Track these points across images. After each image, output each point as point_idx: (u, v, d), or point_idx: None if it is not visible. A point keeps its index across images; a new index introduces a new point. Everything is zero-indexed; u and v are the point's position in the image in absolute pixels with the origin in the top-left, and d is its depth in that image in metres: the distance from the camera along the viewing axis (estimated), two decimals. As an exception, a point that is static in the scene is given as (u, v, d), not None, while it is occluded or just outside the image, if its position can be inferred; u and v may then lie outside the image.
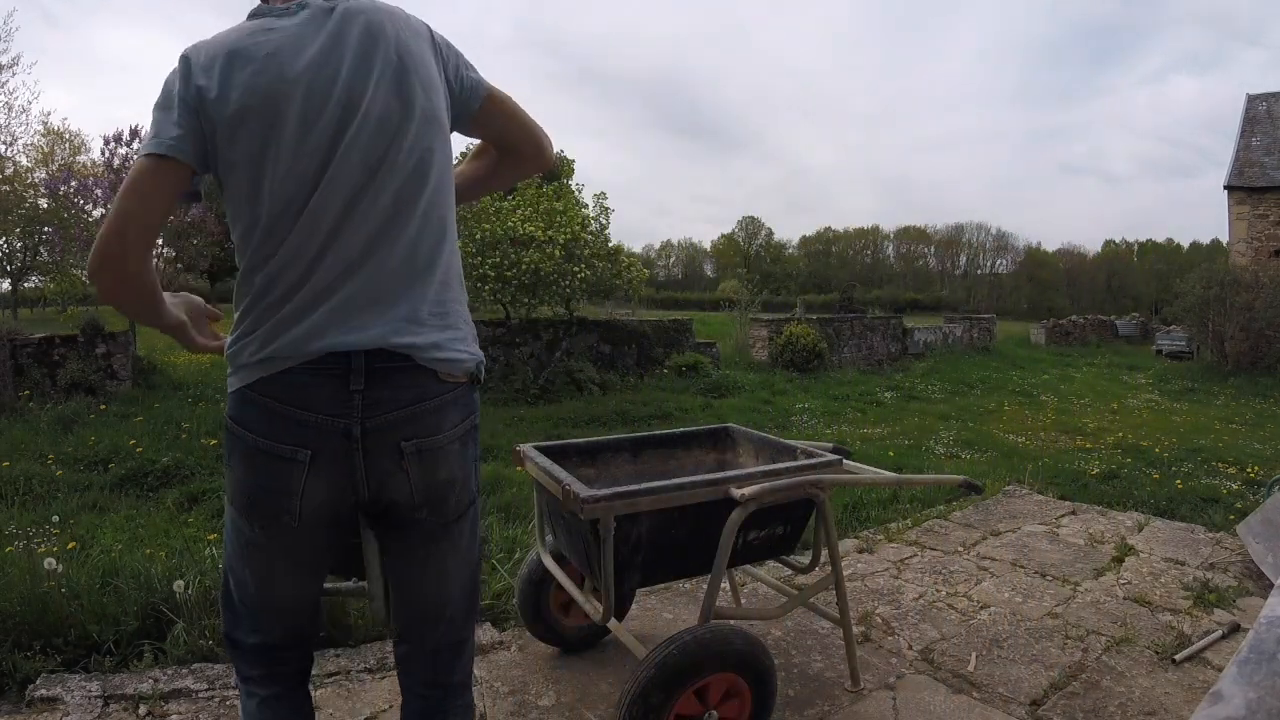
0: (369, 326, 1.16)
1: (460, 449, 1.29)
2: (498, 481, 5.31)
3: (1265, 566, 3.24)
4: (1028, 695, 2.35)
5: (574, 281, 10.84)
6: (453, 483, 1.28)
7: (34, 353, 8.53)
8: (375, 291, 1.17)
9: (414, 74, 1.21)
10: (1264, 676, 1.87)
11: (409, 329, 1.18)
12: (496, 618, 2.85)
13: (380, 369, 1.17)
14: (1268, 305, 14.87)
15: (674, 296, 55.25)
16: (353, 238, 1.17)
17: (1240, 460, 6.88)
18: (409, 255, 1.20)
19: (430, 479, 1.25)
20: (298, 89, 1.15)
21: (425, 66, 1.24)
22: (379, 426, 1.19)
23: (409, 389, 1.20)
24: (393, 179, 1.18)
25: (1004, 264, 64.93)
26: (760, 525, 2.17)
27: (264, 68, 1.15)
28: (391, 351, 1.17)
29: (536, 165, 1.48)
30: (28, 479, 5.27)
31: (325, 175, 1.15)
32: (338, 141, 1.15)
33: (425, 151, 1.22)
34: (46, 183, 13.64)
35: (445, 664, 1.40)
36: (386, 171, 1.18)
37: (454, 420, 1.26)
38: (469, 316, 1.32)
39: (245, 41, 1.17)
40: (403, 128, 1.19)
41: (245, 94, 1.14)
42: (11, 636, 2.38)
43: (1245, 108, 20.26)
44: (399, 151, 1.19)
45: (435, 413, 1.23)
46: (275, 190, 1.15)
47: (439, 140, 1.25)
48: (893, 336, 17.12)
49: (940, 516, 4.35)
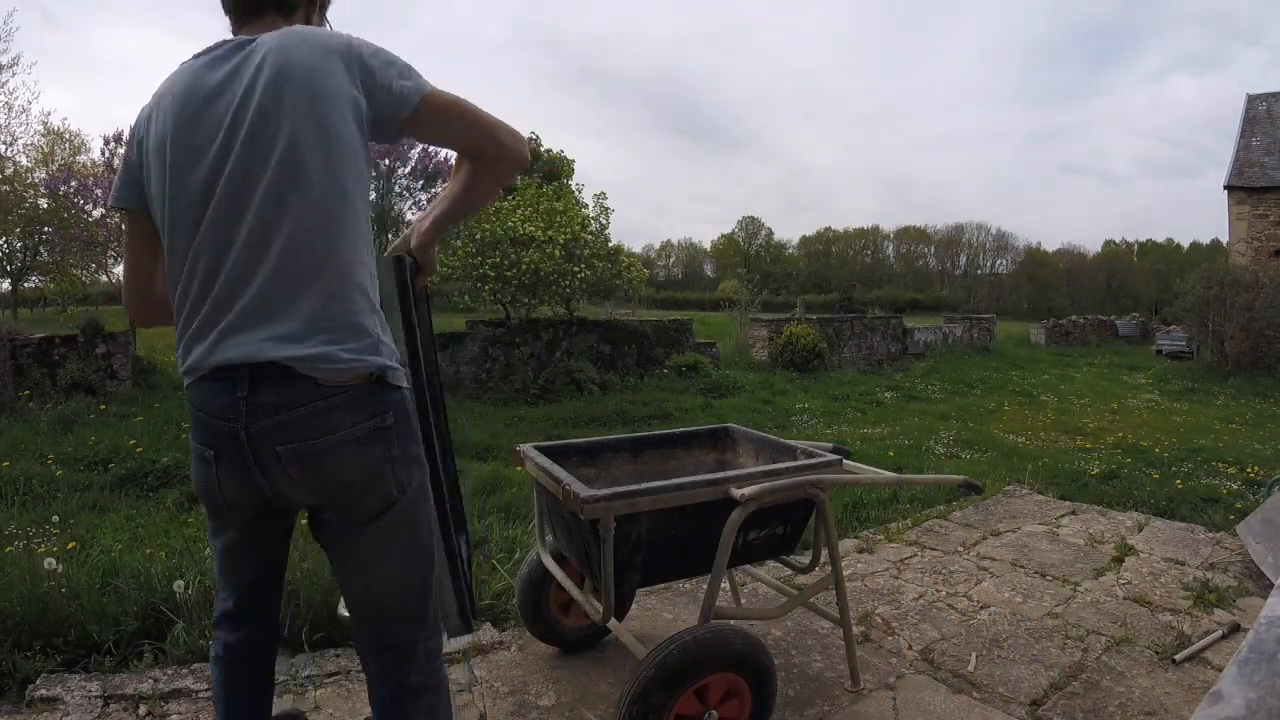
0: (253, 341, 1.24)
1: (360, 450, 1.30)
2: (498, 481, 5.31)
3: (1265, 566, 3.24)
4: (1028, 695, 2.35)
5: (574, 281, 10.85)
6: (353, 484, 1.31)
7: (34, 353, 8.53)
8: (259, 307, 1.25)
9: (305, 96, 1.24)
10: (1264, 676, 1.87)
11: (289, 342, 1.24)
12: (496, 618, 2.85)
13: (264, 377, 1.25)
14: (1268, 305, 14.87)
15: (674, 296, 55.22)
16: (238, 259, 1.25)
17: (1240, 460, 6.88)
18: (292, 273, 1.25)
19: (321, 481, 1.30)
20: (191, 123, 1.27)
21: (322, 85, 1.26)
22: (260, 431, 1.27)
23: (289, 395, 1.26)
24: (271, 203, 1.24)
25: (1004, 264, 64.94)
26: (760, 525, 2.17)
27: (168, 106, 1.30)
28: (274, 362, 1.24)
29: (503, 165, 1.39)
30: (28, 479, 5.27)
31: (211, 204, 1.26)
32: (221, 171, 1.25)
33: (310, 173, 1.25)
34: (46, 183, 13.66)
35: (392, 665, 1.42)
36: (267, 197, 1.24)
37: (348, 422, 1.28)
38: (370, 324, 1.32)
39: (168, 84, 1.34)
40: (285, 153, 1.24)
41: (156, 133, 1.31)
42: (11, 636, 2.38)
43: (1245, 108, 20.27)
44: (281, 176, 1.24)
45: (321, 415, 1.27)
46: (175, 218, 1.29)
47: (329, 159, 1.26)
48: (893, 336, 17.12)
49: (940, 516, 4.35)
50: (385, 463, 1.33)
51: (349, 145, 1.28)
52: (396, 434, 1.34)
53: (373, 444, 1.31)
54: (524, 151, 1.38)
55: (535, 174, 19.58)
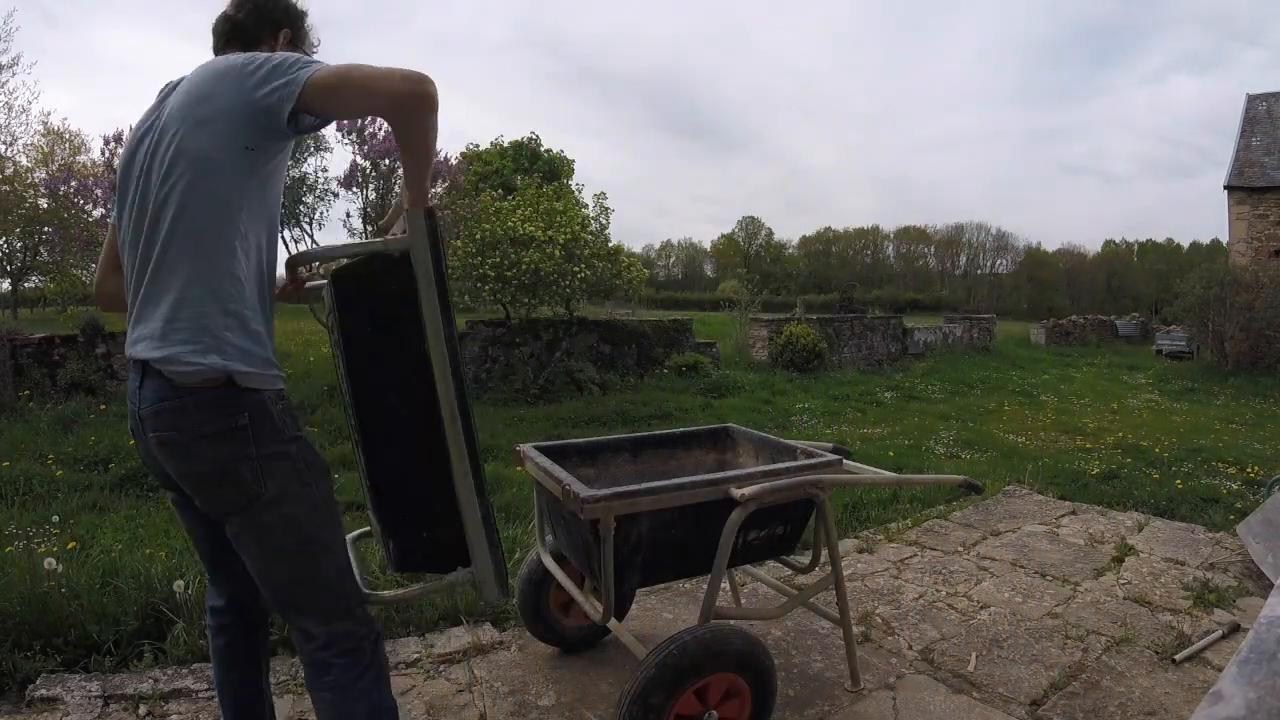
0: (138, 341, 1.45)
1: (210, 447, 1.41)
2: (498, 481, 5.30)
3: (1265, 566, 3.24)
4: (1028, 695, 2.35)
5: (574, 281, 10.83)
6: (205, 478, 1.45)
7: (34, 353, 8.52)
8: (144, 312, 1.45)
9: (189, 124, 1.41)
10: (1264, 676, 1.87)
11: (152, 342, 1.42)
12: (496, 618, 2.85)
13: (146, 371, 1.43)
14: (1268, 305, 14.85)
15: (674, 296, 55.21)
16: (140, 268, 1.46)
17: (1240, 460, 6.87)
18: (162, 281, 1.43)
19: (181, 471, 1.47)
20: (131, 150, 1.50)
21: (218, 95, 1.41)
22: (145, 416, 1.45)
23: (157, 390, 1.42)
24: (151, 221, 1.43)
25: (1004, 264, 64.91)
26: (760, 525, 2.17)
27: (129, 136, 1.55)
28: (145, 360, 1.43)
29: (405, 112, 1.37)
30: (28, 479, 5.26)
31: (128, 222, 1.48)
32: (133, 191, 1.47)
33: (178, 192, 1.40)
34: (46, 183, 13.64)
35: (298, 640, 1.55)
36: (153, 215, 1.43)
37: (197, 421, 1.41)
38: (217, 325, 1.41)
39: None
40: (166, 177, 1.41)
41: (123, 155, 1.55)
42: (11, 636, 2.38)
43: (1245, 108, 20.26)
44: (162, 195, 1.41)
45: (173, 413, 1.41)
46: (122, 230, 1.52)
47: (195, 180, 1.40)
48: (893, 336, 17.11)
49: (940, 516, 4.35)
50: (238, 461, 1.42)
51: (215, 165, 1.40)
52: (254, 434, 1.42)
53: (224, 443, 1.41)
54: (419, 88, 1.34)
55: (535, 174, 19.59)
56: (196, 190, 1.40)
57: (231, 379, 1.41)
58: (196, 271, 1.40)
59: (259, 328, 1.47)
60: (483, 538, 1.59)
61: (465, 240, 10.81)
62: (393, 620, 2.77)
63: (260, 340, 1.47)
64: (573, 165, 27.64)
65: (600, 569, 1.93)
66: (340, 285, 1.63)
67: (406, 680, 2.41)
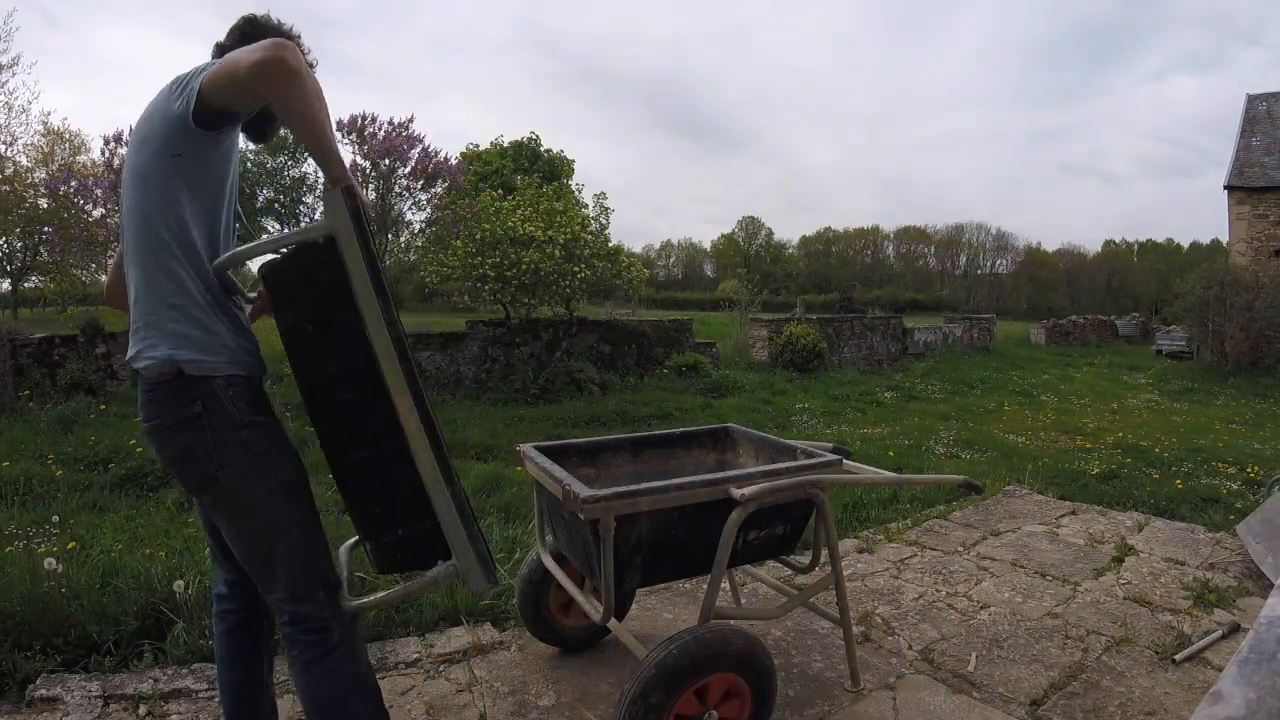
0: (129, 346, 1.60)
1: (174, 434, 1.55)
2: (498, 481, 5.30)
3: (1265, 566, 3.24)
4: (1028, 695, 2.35)
5: (574, 281, 10.83)
6: (174, 463, 1.60)
7: (34, 353, 8.52)
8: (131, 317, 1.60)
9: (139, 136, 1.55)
10: (1264, 676, 1.87)
11: (130, 346, 1.57)
12: (496, 618, 2.85)
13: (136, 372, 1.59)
14: (1268, 305, 14.84)
15: (674, 296, 55.19)
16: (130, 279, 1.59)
17: (1240, 460, 6.87)
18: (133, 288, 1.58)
19: (160, 457, 1.63)
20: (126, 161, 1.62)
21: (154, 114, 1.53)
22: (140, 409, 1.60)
23: (141, 388, 1.59)
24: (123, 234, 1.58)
25: (1004, 264, 64.88)
26: (760, 525, 2.17)
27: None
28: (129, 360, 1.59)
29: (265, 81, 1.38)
30: (28, 479, 5.26)
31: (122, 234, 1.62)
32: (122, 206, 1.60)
33: (126, 207, 1.56)
34: (46, 183, 13.62)
35: (275, 611, 1.65)
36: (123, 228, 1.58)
37: (164, 412, 1.54)
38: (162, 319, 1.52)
39: None
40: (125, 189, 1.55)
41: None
42: (11, 636, 2.38)
43: (1245, 108, 20.26)
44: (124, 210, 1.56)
45: (148, 405, 1.57)
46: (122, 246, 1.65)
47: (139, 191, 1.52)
48: (893, 336, 17.11)
49: (940, 516, 4.35)
50: (195, 448, 1.54)
51: (150, 176, 1.51)
52: (208, 422, 1.53)
53: (183, 430, 1.54)
54: (271, 54, 1.35)
55: (535, 174, 19.58)
56: (138, 203, 1.54)
57: (181, 370, 1.52)
58: (144, 273, 1.54)
59: (203, 316, 1.55)
60: (459, 528, 1.54)
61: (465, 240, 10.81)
62: (392, 620, 2.77)
63: (205, 327, 1.54)
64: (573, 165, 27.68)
65: (600, 569, 1.93)
66: (273, 283, 1.55)
67: (406, 680, 2.41)
